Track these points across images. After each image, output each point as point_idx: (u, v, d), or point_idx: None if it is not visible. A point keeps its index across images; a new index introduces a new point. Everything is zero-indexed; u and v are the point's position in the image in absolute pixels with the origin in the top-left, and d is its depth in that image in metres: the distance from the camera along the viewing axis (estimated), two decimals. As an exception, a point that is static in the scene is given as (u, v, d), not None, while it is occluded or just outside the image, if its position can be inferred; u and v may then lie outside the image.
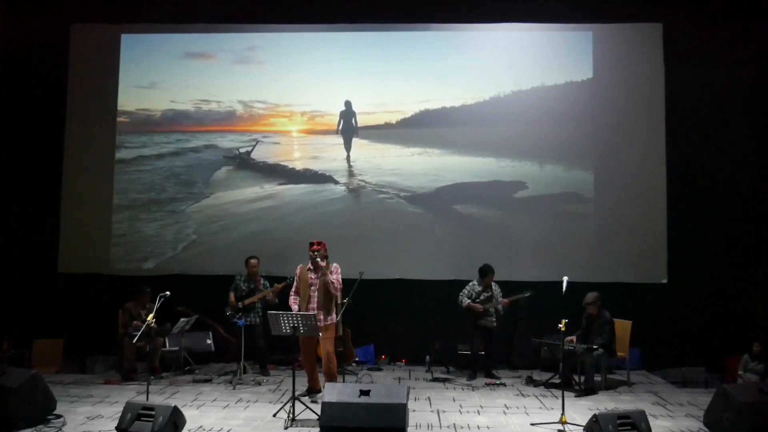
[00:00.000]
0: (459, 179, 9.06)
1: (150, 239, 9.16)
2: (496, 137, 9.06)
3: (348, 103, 9.20)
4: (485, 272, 7.88)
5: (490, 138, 9.06)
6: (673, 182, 8.75)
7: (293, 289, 6.79)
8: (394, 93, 9.21)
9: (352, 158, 9.24)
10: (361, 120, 9.23)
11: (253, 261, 8.03)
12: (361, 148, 9.25)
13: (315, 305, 6.57)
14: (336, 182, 9.19)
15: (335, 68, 9.27)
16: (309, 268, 6.69)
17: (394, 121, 9.22)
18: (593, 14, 8.93)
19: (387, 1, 9.17)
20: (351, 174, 9.20)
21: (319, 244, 6.66)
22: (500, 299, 7.80)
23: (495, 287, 7.90)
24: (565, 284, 6.09)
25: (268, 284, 8.05)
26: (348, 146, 9.23)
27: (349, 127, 9.22)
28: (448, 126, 9.12)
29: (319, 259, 6.57)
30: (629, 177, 8.84)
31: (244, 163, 9.39)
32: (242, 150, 9.40)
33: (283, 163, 9.35)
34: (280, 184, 9.28)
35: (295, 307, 6.61)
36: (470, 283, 7.98)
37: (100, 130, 9.32)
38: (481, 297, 7.85)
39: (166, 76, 9.48)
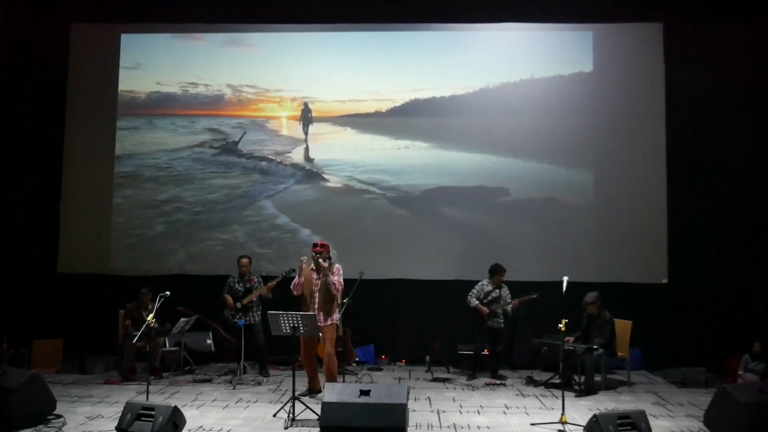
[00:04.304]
0: (457, 177, 9.02)
1: (150, 239, 9.16)
2: (493, 135, 9.02)
3: (306, 103, 9.20)
4: (495, 271, 7.85)
5: (488, 135, 9.04)
6: (673, 182, 8.75)
7: (295, 281, 6.80)
8: (387, 81, 9.16)
9: (341, 151, 9.18)
10: (352, 108, 9.19)
11: (243, 260, 8.03)
12: (349, 138, 9.20)
13: (316, 306, 6.60)
14: (325, 179, 9.15)
15: (328, 55, 9.23)
16: (312, 269, 6.71)
17: (384, 110, 9.19)
18: (593, 14, 8.92)
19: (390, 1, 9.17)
20: (339, 170, 9.15)
21: (322, 246, 6.70)
22: (509, 300, 7.78)
23: (504, 288, 7.88)
24: (565, 284, 6.08)
25: (261, 280, 8.07)
26: (306, 135, 9.24)
27: (306, 119, 9.22)
28: (443, 117, 9.08)
29: (321, 260, 6.59)
30: (629, 177, 8.84)
31: (231, 154, 9.33)
32: (230, 140, 9.35)
33: (271, 157, 9.29)
34: (271, 179, 9.22)
35: (296, 292, 6.73)
36: (480, 283, 7.94)
37: (99, 129, 9.32)
38: (490, 297, 7.82)
39: (152, 57, 9.39)
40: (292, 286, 6.80)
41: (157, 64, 9.39)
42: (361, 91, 9.22)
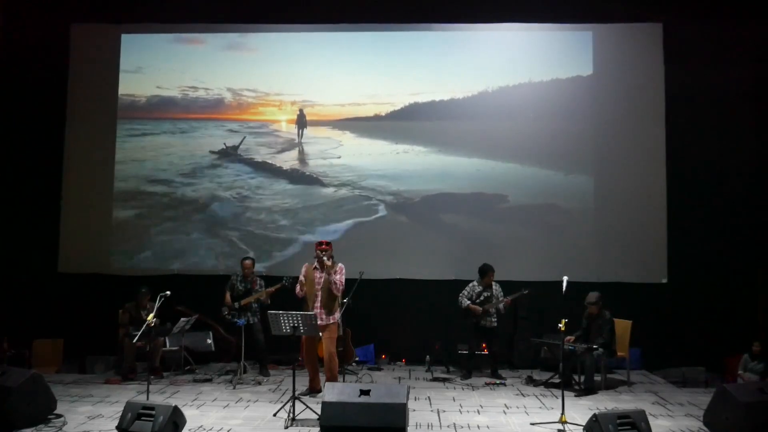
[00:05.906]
0: (456, 182, 9.00)
1: (150, 239, 9.16)
2: (493, 135, 9.01)
3: (301, 109, 9.21)
4: (485, 271, 7.86)
5: (487, 139, 9.02)
6: (673, 182, 8.75)
7: (298, 288, 6.87)
8: (386, 85, 9.14)
9: (341, 154, 9.18)
10: (351, 111, 9.19)
11: (247, 262, 8.04)
12: (349, 141, 9.20)
13: (318, 304, 6.63)
14: (324, 184, 9.14)
15: (327, 58, 9.23)
16: (315, 267, 6.74)
17: (383, 113, 9.18)
18: (593, 14, 8.93)
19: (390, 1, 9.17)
20: (339, 174, 9.14)
21: (327, 244, 6.74)
22: (501, 298, 7.79)
23: (495, 287, 7.88)
24: (565, 284, 6.08)
25: (263, 283, 8.08)
26: (300, 137, 9.25)
27: (301, 124, 9.23)
28: (443, 120, 9.06)
29: (325, 258, 6.61)
30: (629, 177, 8.83)
31: (231, 158, 9.31)
32: (229, 144, 9.34)
33: (270, 161, 9.28)
34: (269, 181, 9.22)
35: (300, 295, 6.81)
36: (470, 284, 7.97)
37: (100, 130, 9.32)
38: (482, 297, 7.84)
39: (153, 61, 9.39)
40: (297, 291, 6.86)
41: (157, 67, 9.39)
42: (361, 95, 9.21)
